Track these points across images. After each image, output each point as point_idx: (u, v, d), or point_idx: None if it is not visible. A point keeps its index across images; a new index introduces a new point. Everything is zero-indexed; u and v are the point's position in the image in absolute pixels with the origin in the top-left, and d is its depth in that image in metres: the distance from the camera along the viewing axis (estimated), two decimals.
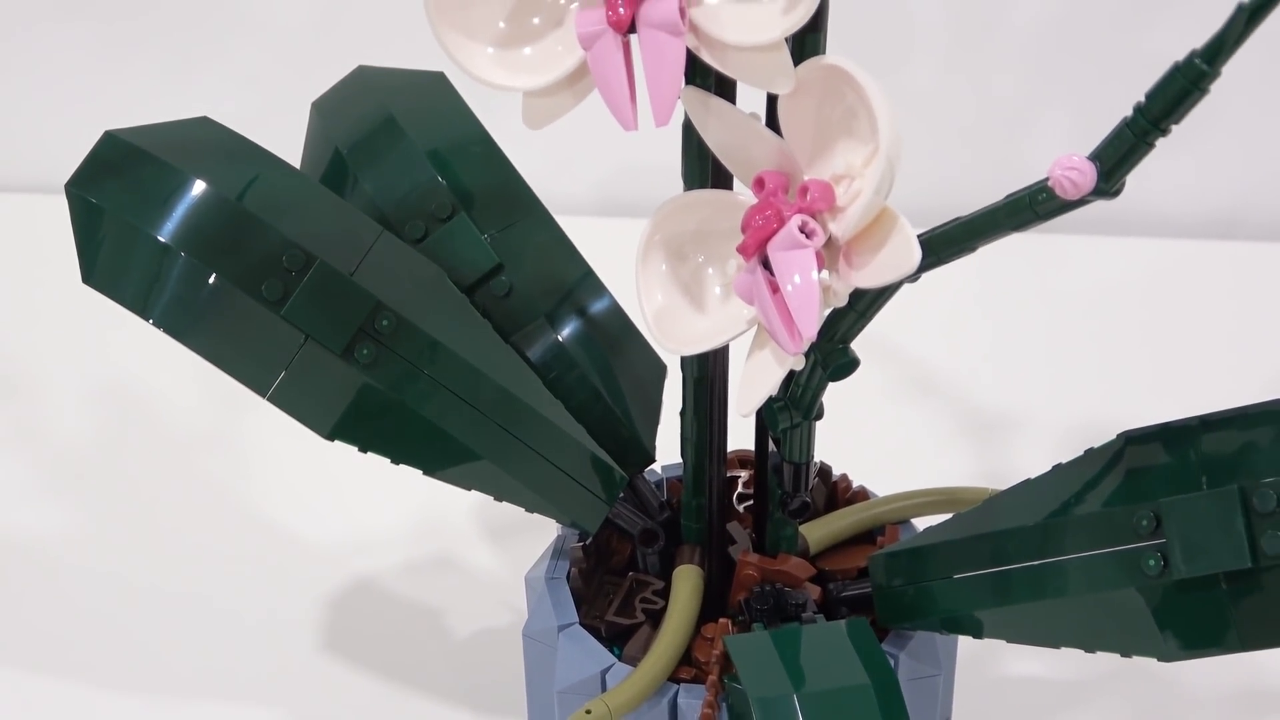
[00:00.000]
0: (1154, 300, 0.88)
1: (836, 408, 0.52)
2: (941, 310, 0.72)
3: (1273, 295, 0.89)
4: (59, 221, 0.47)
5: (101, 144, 0.47)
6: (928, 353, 0.82)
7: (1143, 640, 0.44)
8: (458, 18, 0.40)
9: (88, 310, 0.49)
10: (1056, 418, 0.78)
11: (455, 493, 0.51)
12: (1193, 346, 0.84)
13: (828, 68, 0.40)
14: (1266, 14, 0.40)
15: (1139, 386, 0.80)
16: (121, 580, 0.69)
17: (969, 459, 0.76)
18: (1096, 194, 0.42)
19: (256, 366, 0.47)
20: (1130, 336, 0.85)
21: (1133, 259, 0.91)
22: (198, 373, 0.48)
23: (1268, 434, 0.44)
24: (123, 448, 0.77)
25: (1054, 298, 0.88)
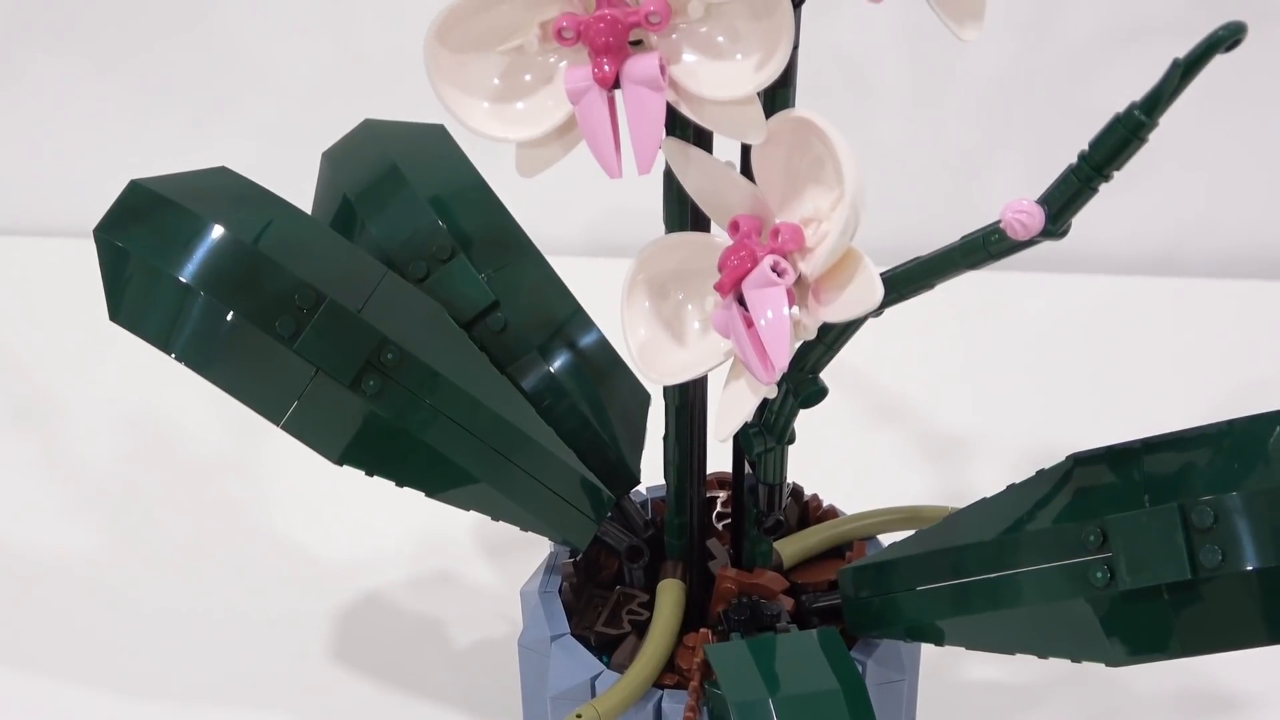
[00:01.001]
0: (1099, 332, 0.89)
1: (807, 433, 0.52)
2: (904, 342, 0.72)
3: (1208, 326, 0.89)
4: (88, 263, 0.47)
5: (127, 192, 0.47)
6: (891, 382, 0.82)
7: (1091, 647, 0.44)
8: (456, 75, 0.40)
9: (114, 345, 0.49)
10: (1010, 441, 0.78)
11: (455, 513, 0.51)
12: (1135, 374, 0.84)
13: (797, 120, 0.40)
14: (1200, 70, 0.40)
15: (1086, 412, 0.81)
16: (144, 594, 0.69)
17: (929, 479, 0.76)
18: (1045, 235, 0.42)
19: (271, 397, 0.47)
20: (1078, 365, 0.86)
21: (1079, 294, 0.92)
22: (216, 403, 0.48)
23: (1205, 455, 0.44)
24: (146, 472, 0.77)
25: (1007, 330, 0.89)
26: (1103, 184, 0.41)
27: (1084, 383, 0.84)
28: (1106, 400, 0.82)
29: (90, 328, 0.50)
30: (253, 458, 0.76)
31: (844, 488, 0.59)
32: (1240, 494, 0.42)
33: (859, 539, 0.56)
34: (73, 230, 0.72)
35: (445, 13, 0.40)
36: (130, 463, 0.77)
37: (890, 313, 0.43)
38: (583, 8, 0.39)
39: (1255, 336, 0.88)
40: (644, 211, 0.50)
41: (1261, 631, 0.42)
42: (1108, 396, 0.82)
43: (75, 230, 0.59)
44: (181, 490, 0.75)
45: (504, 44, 0.40)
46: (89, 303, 0.48)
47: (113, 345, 0.49)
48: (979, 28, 0.37)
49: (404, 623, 0.67)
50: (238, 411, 0.47)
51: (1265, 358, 0.85)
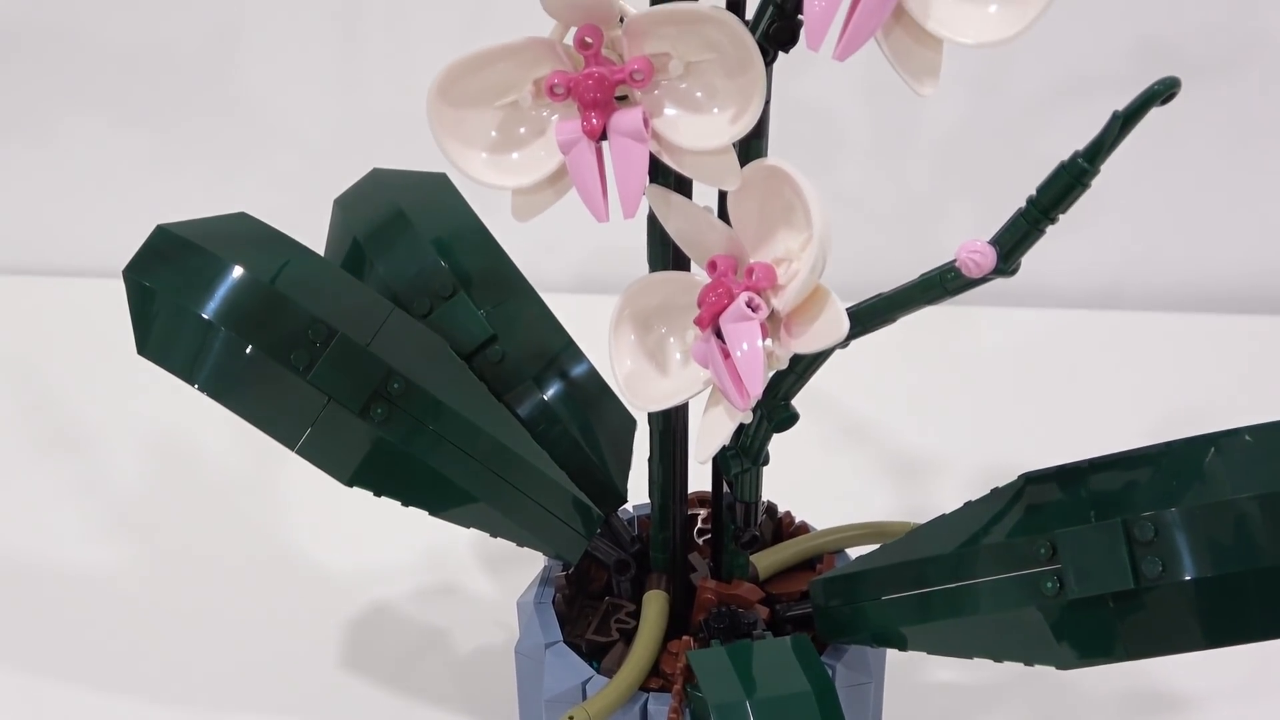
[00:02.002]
0: (1048, 361, 0.89)
1: (780, 455, 0.52)
2: (869, 372, 0.72)
3: (1148, 356, 0.89)
4: (118, 301, 0.47)
5: (154, 236, 0.47)
6: (858, 408, 0.82)
7: (1043, 651, 0.44)
8: (456, 128, 0.40)
9: (141, 376, 0.49)
10: (966, 461, 0.78)
11: (456, 530, 0.51)
12: (1082, 399, 0.85)
13: (769, 168, 0.40)
14: (1137, 121, 0.40)
15: (1037, 434, 0.81)
16: (171, 604, 0.68)
17: (893, 497, 0.76)
18: (997, 273, 0.42)
19: (286, 424, 0.47)
20: (1029, 392, 0.86)
21: (1030, 326, 0.92)
22: (236, 429, 0.48)
23: (1146, 474, 0.44)
24: (172, 493, 0.77)
25: (964, 360, 0.89)
26: (1049, 226, 0.42)
27: (1034, 407, 0.84)
28: (1055, 423, 0.82)
29: (120, 361, 0.50)
30: (270, 480, 0.76)
31: (814, 505, 0.59)
32: (1179, 510, 0.42)
33: (828, 552, 0.56)
34: (103, 271, 0.71)
35: (446, 71, 0.40)
36: (157, 485, 0.77)
37: (856, 344, 0.43)
38: (572, 66, 0.39)
39: (1191, 365, 0.88)
40: (629, 252, 0.50)
41: (1199, 637, 0.42)
42: (1056, 420, 0.82)
43: (106, 271, 0.58)
44: (204, 509, 0.75)
45: (500, 100, 0.40)
46: (118, 338, 0.48)
47: (140, 377, 0.49)
48: (935, 84, 0.38)
49: (409, 631, 0.67)
50: (256, 437, 0.47)
51: (1200, 384, 0.85)
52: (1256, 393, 0.84)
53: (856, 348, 0.44)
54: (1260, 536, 0.41)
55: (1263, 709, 0.62)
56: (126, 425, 0.81)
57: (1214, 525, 0.41)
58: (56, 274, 0.97)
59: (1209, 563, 0.41)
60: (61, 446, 0.80)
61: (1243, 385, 0.85)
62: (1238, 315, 0.93)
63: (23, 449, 0.80)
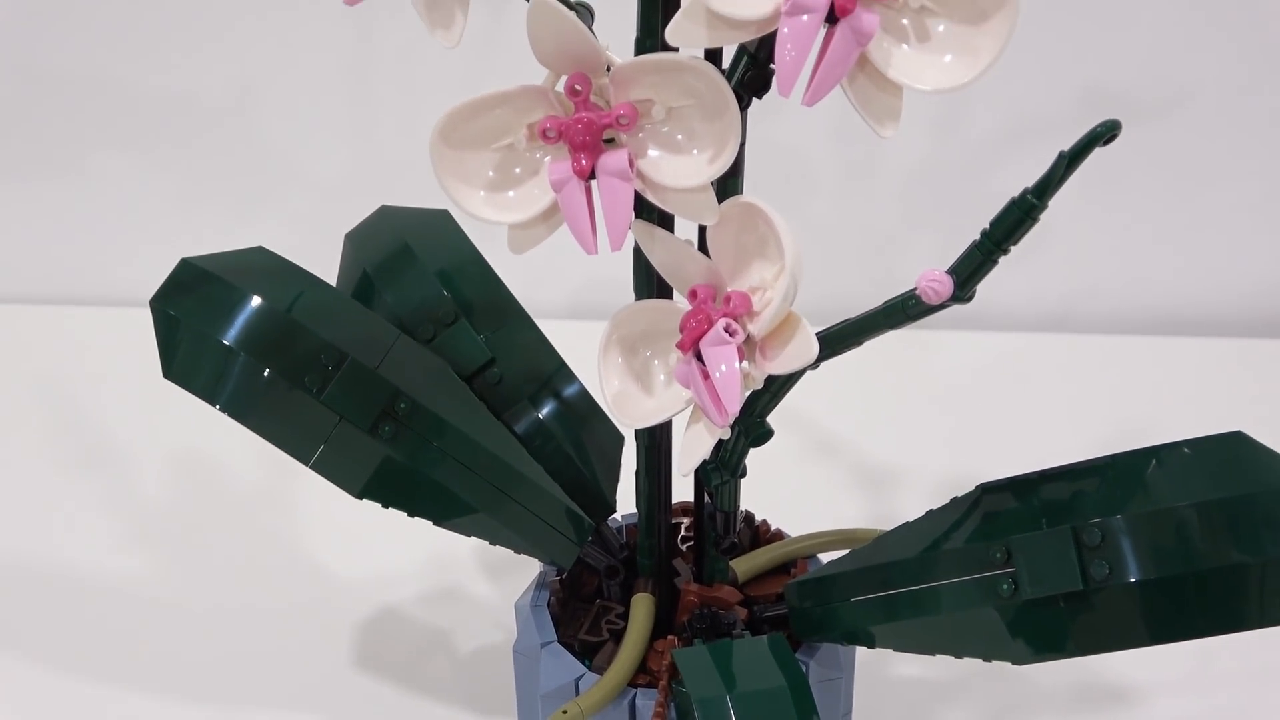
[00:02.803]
0: (1002, 380, 0.89)
1: (757, 467, 0.51)
2: (838, 391, 0.72)
3: (1094, 375, 0.90)
4: (145, 329, 0.47)
5: (178, 268, 0.47)
6: (828, 423, 0.82)
7: (1000, 648, 0.44)
8: (457, 169, 0.41)
9: (167, 398, 0.48)
10: (928, 473, 0.78)
11: (458, 538, 0.51)
12: (1033, 416, 0.85)
13: (744, 204, 0.40)
14: (1082, 160, 0.40)
15: (992, 447, 0.81)
16: (194, 609, 0.68)
17: (861, 506, 0.76)
18: (954, 300, 0.42)
19: (301, 441, 0.47)
20: (985, 408, 0.86)
21: (985, 349, 0.92)
22: (254, 447, 0.48)
23: (1093, 484, 0.44)
24: (195, 506, 0.76)
25: (925, 380, 0.89)
26: (1002, 256, 0.42)
27: (990, 423, 0.84)
28: (1009, 438, 0.82)
29: (147, 384, 0.50)
30: (286, 493, 0.76)
31: (789, 514, 0.59)
32: (1123, 517, 0.42)
33: (802, 557, 0.56)
34: (132, 301, 0.71)
35: (447, 116, 0.40)
36: (181, 497, 0.77)
37: (826, 365, 0.43)
38: (563, 111, 0.39)
39: (1134, 383, 0.88)
40: (617, 281, 0.50)
41: (1144, 634, 0.42)
42: (1010, 435, 0.83)
43: (134, 301, 0.58)
44: (225, 520, 0.75)
45: (497, 142, 0.40)
46: (146, 362, 0.48)
47: (166, 398, 0.49)
48: (896, 127, 0.38)
49: (415, 631, 0.67)
50: (273, 454, 0.47)
51: (1142, 401, 0.86)
52: (1194, 409, 0.85)
53: (826, 369, 0.44)
54: (1198, 541, 0.41)
55: (1202, 700, 0.62)
56: (153, 443, 0.81)
57: (1156, 531, 0.41)
58: (88, 303, 0.97)
59: (1152, 566, 0.41)
60: (93, 462, 0.80)
61: (1181, 402, 0.86)
62: (1175, 338, 0.93)
63: (58, 464, 0.80)
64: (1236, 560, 0.41)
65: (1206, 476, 0.42)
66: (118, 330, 0.88)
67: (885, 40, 0.37)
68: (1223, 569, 0.41)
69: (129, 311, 0.83)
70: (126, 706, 0.62)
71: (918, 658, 0.62)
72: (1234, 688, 0.62)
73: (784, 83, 0.36)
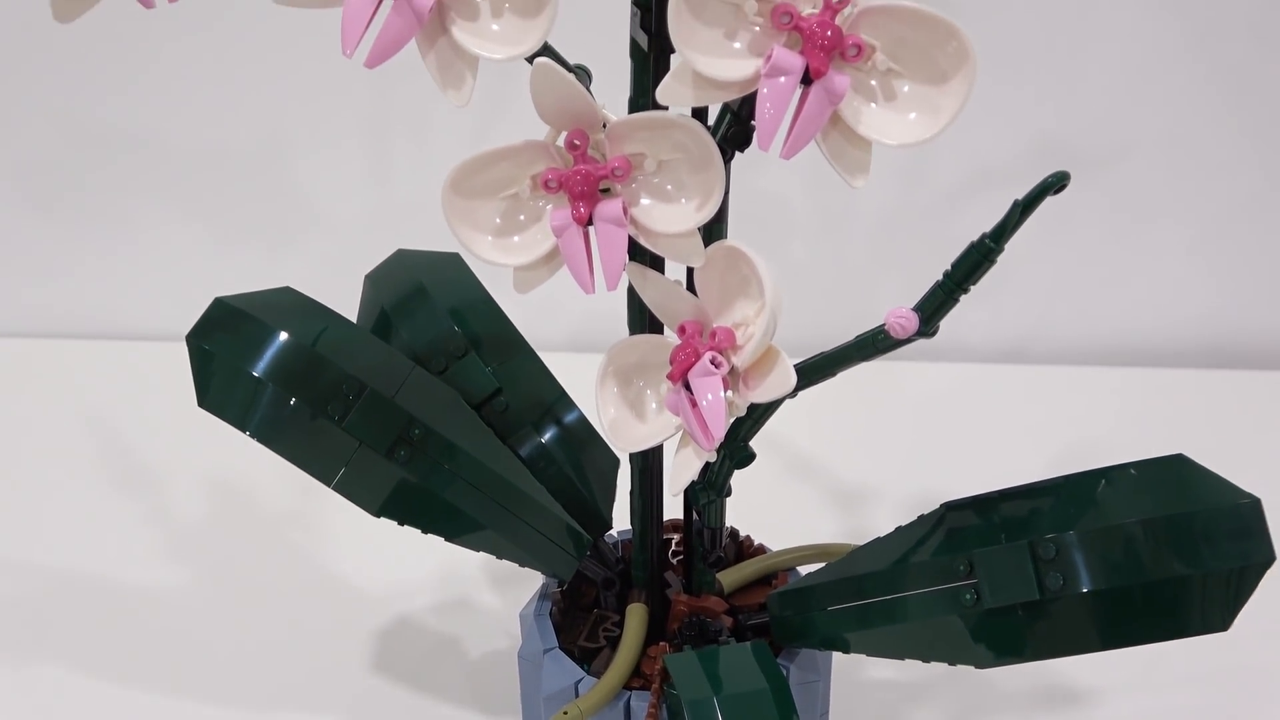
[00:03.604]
0: (964, 406, 0.89)
1: (741, 487, 0.51)
2: (815, 417, 0.72)
3: (1049, 403, 0.90)
4: (181, 361, 0.47)
5: (212, 307, 0.47)
6: (806, 447, 0.82)
7: (963, 653, 0.44)
8: (466, 216, 0.41)
9: (201, 425, 0.48)
10: (897, 492, 0.78)
11: (467, 553, 0.51)
12: (993, 439, 0.85)
13: (728, 248, 0.40)
14: (1035, 208, 0.40)
15: (955, 469, 0.81)
16: (224, 618, 0.68)
17: (836, 523, 0.76)
18: (919, 335, 0.42)
19: (323, 464, 0.47)
20: (948, 432, 0.86)
21: (948, 378, 0.92)
22: (281, 469, 0.47)
23: (1048, 502, 0.44)
24: (227, 524, 0.76)
25: (893, 407, 0.89)
26: (963, 295, 0.42)
27: (953, 446, 0.84)
28: (971, 460, 0.82)
29: (183, 412, 0.50)
30: (310, 511, 0.76)
31: (770, 530, 0.59)
32: (1076, 532, 0.42)
33: (782, 570, 0.56)
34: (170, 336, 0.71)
35: (457, 169, 0.40)
36: (215, 516, 0.77)
37: (803, 394, 0.43)
38: (563, 164, 0.39)
39: (1084, 410, 0.88)
40: (612, 317, 0.50)
41: (1096, 640, 0.42)
42: (971, 457, 0.82)
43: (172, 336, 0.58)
44: (254, 537, 0.75)
45: (503, 192, 0.40)
46: (182, 392, 0.48)
47: (200, 426, 0.49)
48: (866, 177, 0.38)
49: (428, 639, 0.67)
50: (298, 476, 0.47)
51: (1092, 426, 0.86)
52: (1139, 433, 0.85)
53: (804, 397, 0.44)
54: (1145, 555, 0.41)
55: (1150, 700, 0.62)
56: (189, 466, 0.81)
57: (1106, 545, 0.41)
58: (131, 338, 0.97)
59: (1102, 577, 0.41)
60: (135, 483, 0.80)
61: (1127, 427, 0.86)
62: (1121, 368, 0.93)
63: (104, 484, 0.79)
64: (1179, 572, 0.41)
65: (1151, 495, 0.42)
66: (157, 363, 0.88)
67: (855, 100, 0.37)
68: (1167, 580, 0.41)
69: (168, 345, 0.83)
70: (164, 704, 0.62)
71: (889, 662, 0.62)
72: (1179, 690, 0.62)
73: (764, 138, 0.36)
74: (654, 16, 0.40)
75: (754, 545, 0.57)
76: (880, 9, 0.36)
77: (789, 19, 0.36)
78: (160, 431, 0.84)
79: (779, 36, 0.36)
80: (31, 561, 0.72)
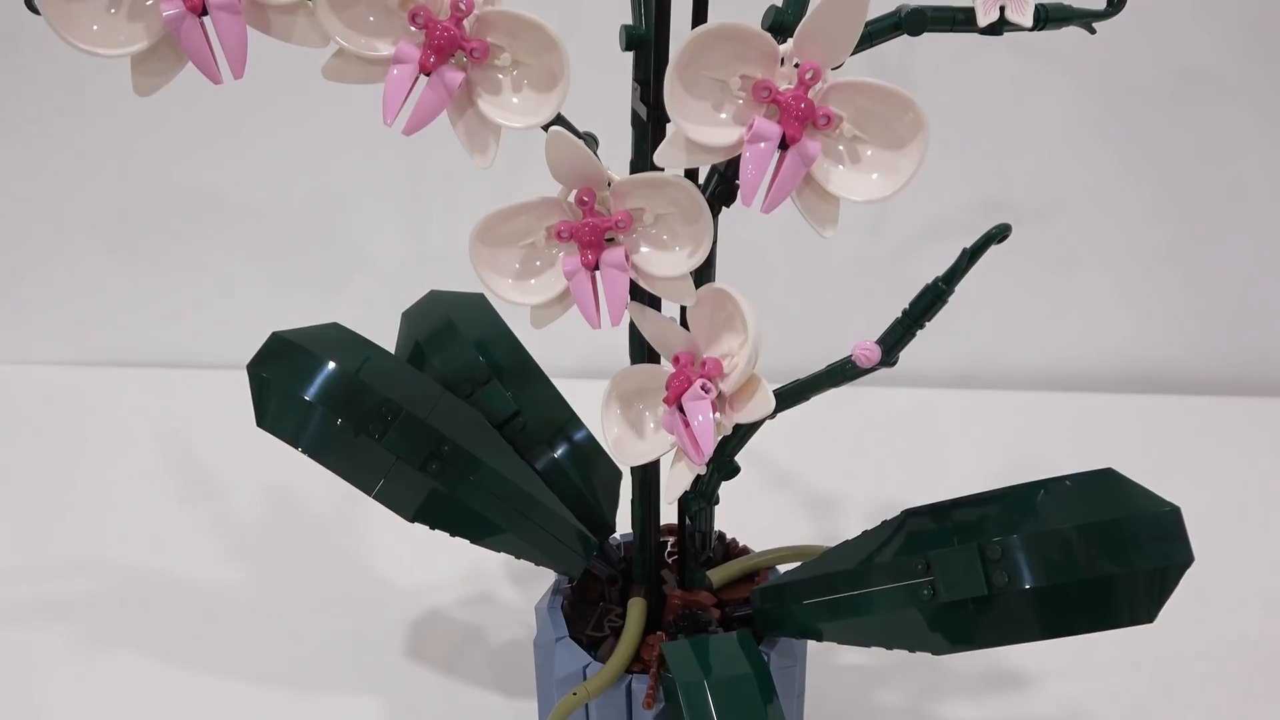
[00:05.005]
0: (922, 426, 0.89)
1: (728, 496, 0.51)
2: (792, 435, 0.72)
3: (995, 422, 0.89)
4: (242, 387, 0.47)
5: (270, 341, 0.47)
6: (784, 461, 0.82)
7: (922, 641, 0.44)
8: (490, 262, 0.41)
9: (259, 443, 0.48)
10: (863, 501, 0.78)
11: (489, 553, 0.51)
12: (945, 455, 0.85)
13: (716, 289, 0.40)
14: (981, 255, 0.40)
15: (914, 480, 0.81)
16: (277, 611, 0.67)
17: (810, 527, 0.75)
18: (882, 364, 0.42)
19: (365, 476, 0.47)
20: (907, 449, 0.85)
21: (907, 401, 0.92)
22: (327, 480, 0.47)
23: (995, 509, 0.44)
24: (281, 528, 0.76)
25: (860, 427, 0.89)
26: (919, 330, 0.42)
27: (912, 461, 0.84)
28: (927, 473, 0.82)
29: (243, 431, 0.50)
30: (353, 518, 0.75)
31: (753, 533, 0.58)
32: (1019, 535, 0.42)
33: (764, 568, 0.55)
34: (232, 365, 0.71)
35: (482, 222, 0.40)
36: (269, 522, 0.76)
37: (781, 415, 0.43)
38: (574, 217, 0.39)
39: (1026, 429, 0.88)
40: (616, 348, 0.50)
41: (1037, 630, 0.42)
42: (928, 470, 0.82)
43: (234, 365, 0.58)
44: (304, 540, 0.74)
45: (522, 241, 0.41)
46: (242, 414, 0.48)
47: (258, 443, 0.49)
48: (835, 228, 0.38)
49: (455, 629, 0.66)
50: (342, 486, 0.47)
51: (1032, 443, 0.86)
52: (1074, 449, 0.84)
53: (782, 418, 0.44)
54: (1079, 556, 0.41)
55: (1085, 683, 0.61)
56: (247, 478, 0.80)
57: (1045, 547, 0.41)
58: (198, 367, 0.97)
59: (1043, 575, 0.41)
60: (200, 495, 0.79)
61: (1064, 443, 0.86)
62: (1057, 392, 0.93)
63: (172, 496, 0.79)
64: (1109, 571, 0.41)
65: (1084, 504, 0.42)
66: (222, 388, 0.88)
67: (825, 162, 0.37)
68: (1098, 578, 0.41)
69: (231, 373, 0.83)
70: (222, 685, 0.61)
71: (856, 649, 0.61)
72: (1110, 674, 0.62)
73: (747, 195, 0.36)
74: (652, 91, 0.40)
75: (739, 547, 0.57)
76: (846, 85, 0.36)
77: (768, 93, 0.36)
78: (223, 448, 0.84)
79: (759, 108, 0.36)
80: (112, 562, 0.72)
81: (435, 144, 0.53)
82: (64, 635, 0.65)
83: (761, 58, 0.36)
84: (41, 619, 0.67)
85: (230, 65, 0.35)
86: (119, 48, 0.35)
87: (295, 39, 0.37)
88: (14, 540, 0.74)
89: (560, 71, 0.36)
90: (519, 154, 0.55)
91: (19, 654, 0.64)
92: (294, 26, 0.36)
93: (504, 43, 0.37)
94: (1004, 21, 0.38)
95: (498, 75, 0.37)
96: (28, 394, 0.93)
